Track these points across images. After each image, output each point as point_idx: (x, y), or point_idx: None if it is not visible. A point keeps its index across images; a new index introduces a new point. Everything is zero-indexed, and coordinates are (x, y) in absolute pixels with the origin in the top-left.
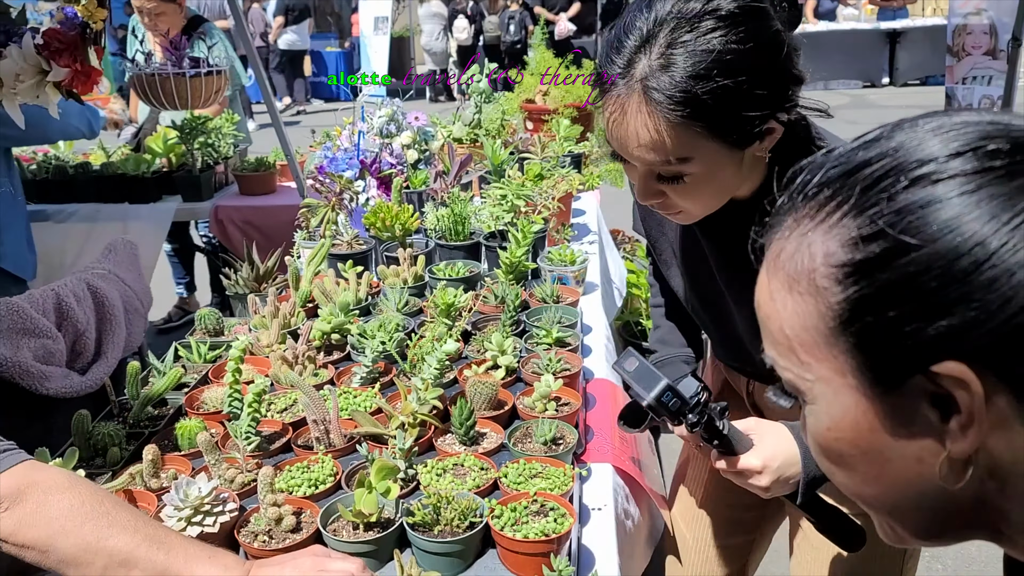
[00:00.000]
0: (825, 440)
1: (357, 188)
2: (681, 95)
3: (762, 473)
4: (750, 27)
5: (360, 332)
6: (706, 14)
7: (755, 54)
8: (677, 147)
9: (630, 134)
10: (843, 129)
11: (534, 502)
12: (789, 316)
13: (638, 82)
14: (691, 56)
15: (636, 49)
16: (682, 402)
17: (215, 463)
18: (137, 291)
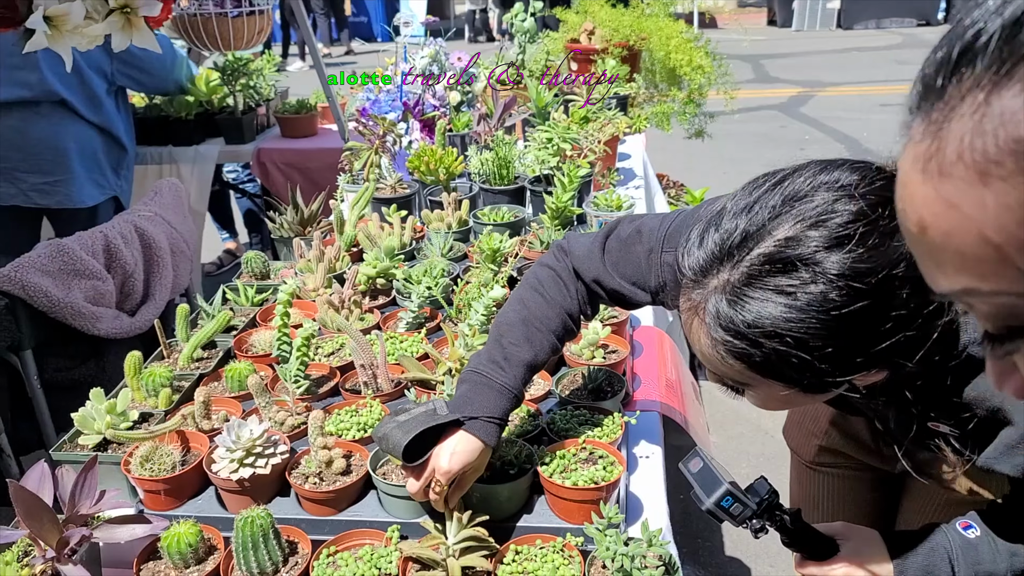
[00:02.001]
0: None
1: (400, 131)
2: (734, 340)
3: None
4: (857, 294)
5: (405, 277)
6: (805, 264)
7: (850, 326)
8: (737, 376)
9: (693, 340)
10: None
11: (583, 449)
12: (994, 214)
13: (704, 300)
14: (768, 307)
15: (716, 258)
16: (744, 507)
17: (265, 405)
18: (183, 233)
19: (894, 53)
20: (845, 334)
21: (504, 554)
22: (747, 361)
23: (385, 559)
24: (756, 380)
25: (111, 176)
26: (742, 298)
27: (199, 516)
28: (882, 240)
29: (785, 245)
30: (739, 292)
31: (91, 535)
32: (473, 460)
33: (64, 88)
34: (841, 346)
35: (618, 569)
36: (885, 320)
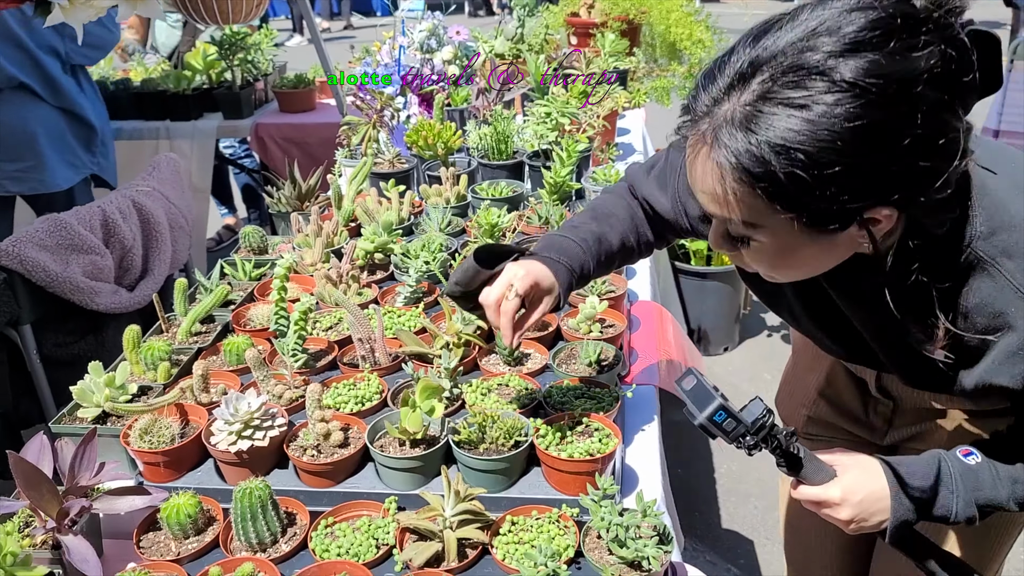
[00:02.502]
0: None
1: (398, 105)
2: (753, 164)
3: (841, 505)
4: (873, 105)
5: (403, 252)
6: (819, 73)
7: (867, 143)
8: (743, 211)
9: (698, 179)
10: None
11: (579, 422)
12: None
13: (710, 126)
14: (780, 121)
15: (726, 88)
16: (738, 423)
17: (263, 379)
18: (181, 208)
19: None
20: (858, 150)
21: (500, 525)
22: (755, 185)
23: (383, 530)
24: (761, 215)
25: (84, 155)
26: (753, 115)
27: (198, 488)
28: (900, 51)
29: (798, 53)
30: (750, 111)
31: (91, 506)
32: (545, 285)
33: (20, 72)
34: (854, 164)
35: (613, 539)
36: (900, 138)
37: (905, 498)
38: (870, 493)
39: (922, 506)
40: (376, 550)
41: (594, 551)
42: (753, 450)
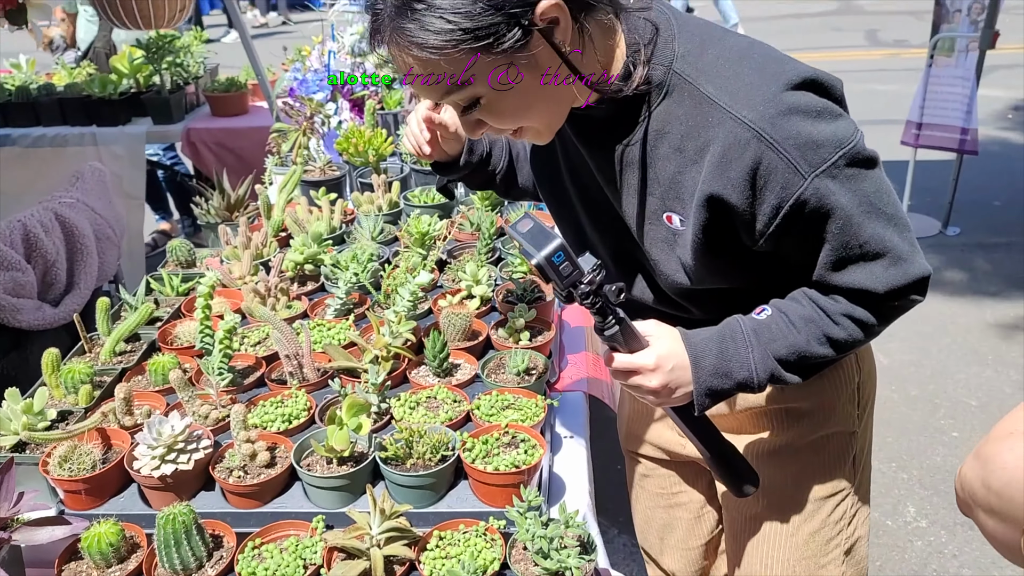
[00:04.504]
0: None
1: (328, 111)
2: (425, 27)
3: (654, 371)
4: None
5: (334, 263)
6: None
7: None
8: (447, 76)
9: (410, 78)
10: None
11: (505, 434)
12: None
13: (389, 27)
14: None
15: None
16: (575, 268)
17: (188, 399)
18: (108, 219)
19: (829, 20)
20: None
21: (427, 540)
22: (440, 42)
23: (310, 550)
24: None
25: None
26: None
27: (122, 514)
28: None
29: None
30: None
31: (10, 538)
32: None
33: None
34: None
35: (537, 551)
36: None
37: (705, 363)
38: (680, 360)
39: (722, 370)
40: (304, 570)
41: (520, 563)
42: (584, 300)
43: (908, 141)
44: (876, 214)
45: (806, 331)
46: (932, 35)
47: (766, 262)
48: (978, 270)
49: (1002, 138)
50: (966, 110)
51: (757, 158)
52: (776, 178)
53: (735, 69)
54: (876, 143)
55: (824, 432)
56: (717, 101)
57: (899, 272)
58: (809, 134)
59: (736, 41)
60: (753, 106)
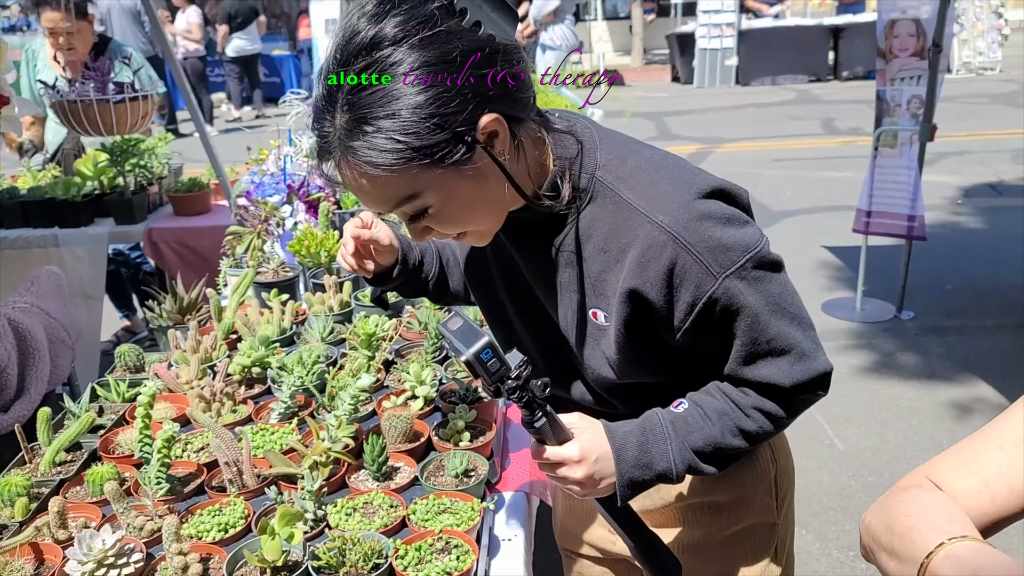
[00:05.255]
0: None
1: (284, 213)
2: (375, 147)
3: (580, 463)
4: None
5: (280, 365)
6: (370, 46)
7: (437, 73)
8: (398, 191)
9: (359, 191)
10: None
11: (439, 539)
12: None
13: (338, 146)
14: (368, 100)
15: (328, 116)
16: (503, 365)
17: (123, 511)
18: (63, 322)
19: (788, 109)
20: (437, 79)
21: None
22: (391, 160)
23: None
24: (412, 182)
25: None
26: (354, 115)
27: None
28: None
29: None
30: (349, 116)
31: None
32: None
33: None
34: (436, 95)
35: None
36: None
37: (627, 455)
38: (603, 452)
39: (642, 462)
40: None
41: None
42: (511, 395)
43: (859, 229)
44: (781, 313)
45: (720, 424)
46: (875, 128)
47: (685, 357)
48: (932, 354)
49: (953, 223)
50: (912, 198)
51: (673, 259)
52: (690, 278)
53: (652, 178)
54: (832, 229)
55: (744, 524)
56: (636, 206)
57: (803, 368)
58: (719, 239)
59: (652, 153)
60: (669, 211)
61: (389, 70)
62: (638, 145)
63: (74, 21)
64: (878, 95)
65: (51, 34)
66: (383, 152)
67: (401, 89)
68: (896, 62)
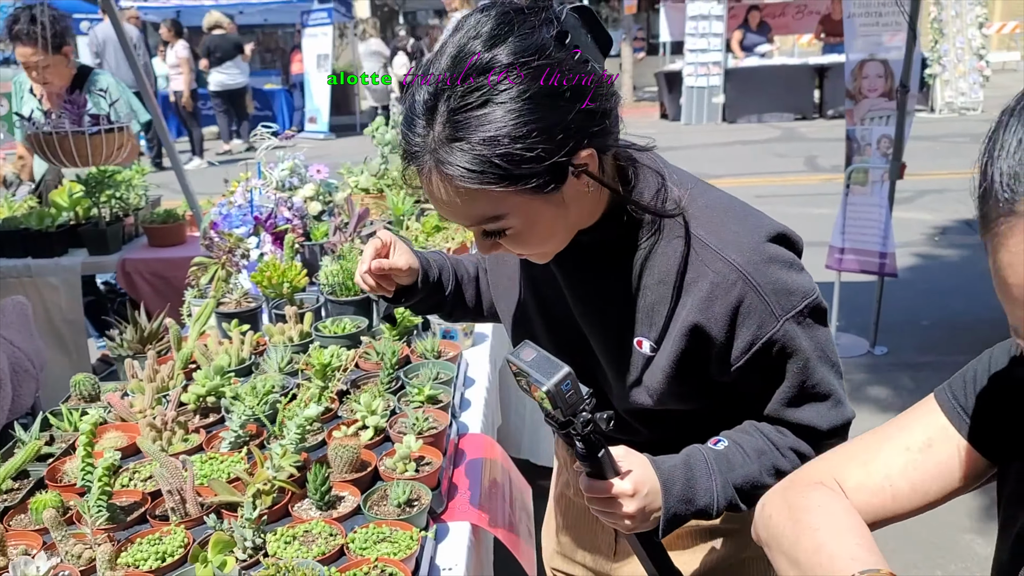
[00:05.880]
0: None
1: (249, 244)
2: (473, 164)
3: (633, 497)
4: (531, 75)
5: (234, 395)
6: (484, 69)
7: (544, 105)
8: (484, 209)
9: (442, 204)
10: (772, 162)
11: (375, 567)
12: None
13: (430, 155)
14: (475, 121)
15: (424, 123)
16: (579, 397)
17: (62, 539)
18: (28, 352)
19: (772, 146)
20: (539, 113)
21: None
22: (485, 181)
23: None
24: (500, 203)
25: None
26: (455, 132)
27: None
28: (530, 32)
29: (455, 66)
30: (449, 131)
31: None
32: (405, 249)
33: None
34: (543, 125)
35: None
36: (561, 91)
37: (674, 489)
38: (653, 487)
39: (687, 496)
40: None
41: None
42: (584, 427)
43: (832, 265)
44: (826, 360)
45: (759, 463)
46: (846, 167)
47: (725, 391)
48: (903, 389)
49: (930, 260)
50: (883, 235)
51: (741, 297)
52: (754, 317)
53: (722, 218)
54: (809, 264)
55: (746, 555)
56: (708, 243)
57: (838, 413)
58: (785, 282)
59: (719, 194)
60: (741, 251)
61: (497, 96)
62: (704, 185)
63: (48, 55)
64: (848, 135)
65: (25, 68)
66: (476, 173)
67: (505, 116)
68: (865, 102)
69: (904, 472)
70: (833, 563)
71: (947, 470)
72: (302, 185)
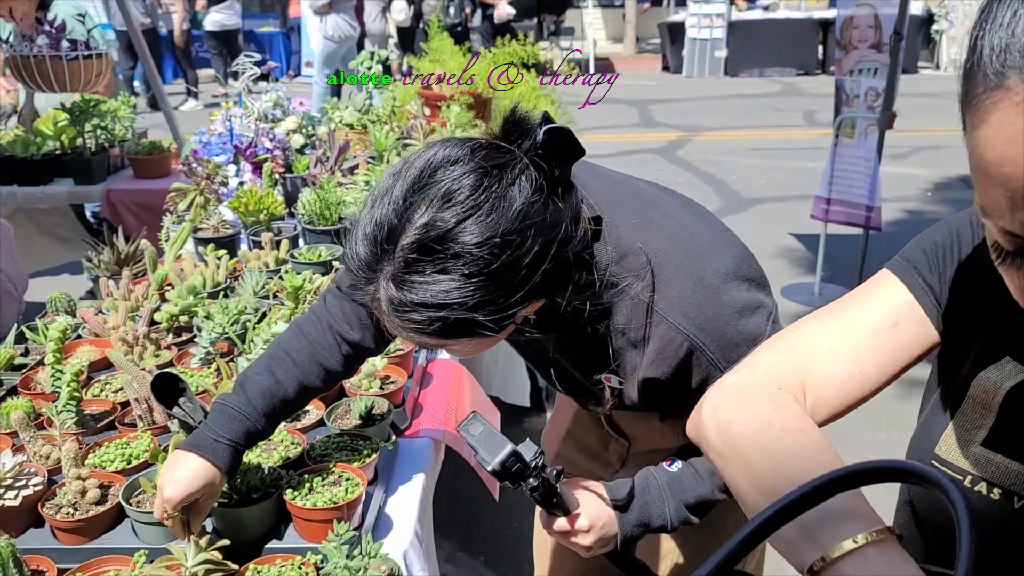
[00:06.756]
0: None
1: (228, 172)
2: (416, 318)
3: (589, 532)
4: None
5: (206, 315)
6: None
7: (502, 279)
8: (427, 342)
9: (386, 322)
10: (769, 116)
11: (331, 473)
12: None
13: (383, 289)
14: (426, 287)
15: (372, 254)
16: (524, 466)
17: (30, 440)
18: (10, 274)
19: (772, 100)
20: (501, 285)
21: (243, 573)
22: (429, 332)
23: None
24: (444, 341)
25: None
26: (406, 284)
27: None
28: (499, 201)
29: (426, 230)
30: (402, 280)
31: None
32: (199, 485)
33: None
34: (501, 295)
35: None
36: (525, 263)
37: (629, 518)
38: (608, 518)
39: (641, 521)
40: None
41: None
42: (533, 492)
43: (818, 216)
44: None
45: (711, 482)
46: (834, 117)
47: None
48: None
49: (920, 214)
50: (870, 188)
51: (688, 353)
52: (701, 369)
53: (672, 274)
54: (799, 215)
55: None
56: (655, 307)
57: None
58: (730, 337)
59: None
60: (685, 313)
61: (456, 267)
62: (657, 218)
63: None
64: (837, 85)
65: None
66: (422, 328)
67: (462, 287)
68: (855, 53)
69: (872, 356)
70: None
71: (909, 347)
72: (284, 118)
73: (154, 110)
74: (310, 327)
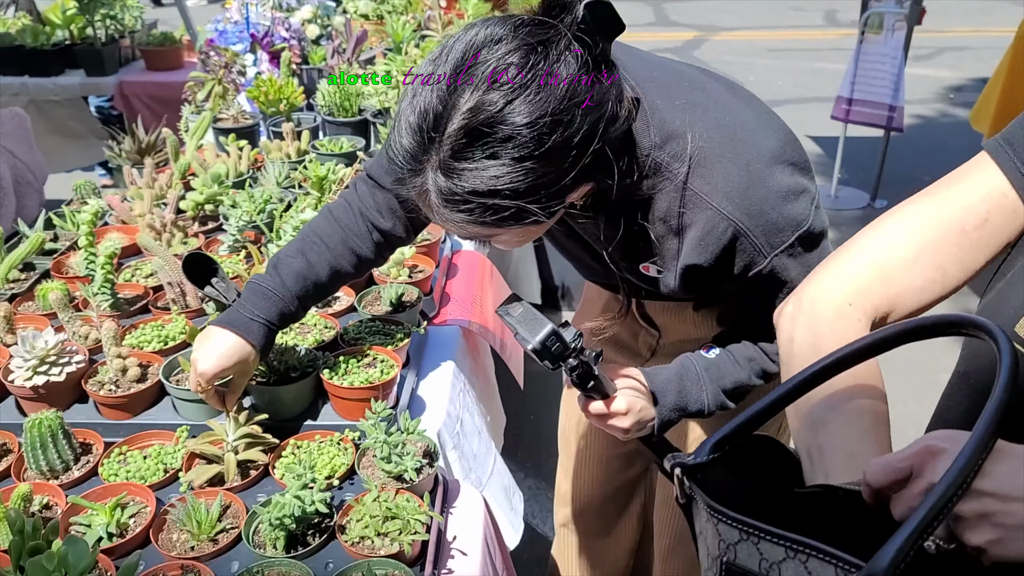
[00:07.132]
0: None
1: (246, 61)
2: (467, 207)
3: (627, 415)
4: (546, 134)
5: (232, 203)
6: (495, 124)
7: (551, 162)
8: (477, 233)
9: (433, 215)
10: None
11: (366, 355)
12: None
13: (431, 179)
14: (476, 173)
15: (419, 144)
16: (564, 347)
17: (69, 320)
18: (29, 163)
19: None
20: (550, 168)
21: (284, 448)
22: (480, 221)
23: (172, 456)
24: (495, 230)
25: None
26: (455, 172)
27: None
28: (547, 78)
29: (474, 114)
30: (451, 168)
31: None
32: (233, 361)
33: None
34: (551, 178)
35: (382, 456)
36: (575, 142)
37: (666, 400)
38: (645, 402)
39: (679, 405)
40: (163, 473)
41: (367, 468)
42: (574, 371)
43: (838, 116)
44: None
45: (748, 368)
46: (862, 13)
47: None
48: None
49: (940, 117)
50: (894, 88)
51: (732, 239)
52: (744, 255)
53: (716, 159)
54: (817, 118)
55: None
56: (698, 191)
57: None
58: (774, 221)
59: (718, 115)
60: (730, 198)
61: (506, 151)
62: (703, 100)
63: None
64: None
65: None
66: (474, 217)
67: (512, 172)
68: None
69: (958, 257)
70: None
71: (996, 240)
72: (300, 6)
73: (156, 5)
74: (342, 213)
